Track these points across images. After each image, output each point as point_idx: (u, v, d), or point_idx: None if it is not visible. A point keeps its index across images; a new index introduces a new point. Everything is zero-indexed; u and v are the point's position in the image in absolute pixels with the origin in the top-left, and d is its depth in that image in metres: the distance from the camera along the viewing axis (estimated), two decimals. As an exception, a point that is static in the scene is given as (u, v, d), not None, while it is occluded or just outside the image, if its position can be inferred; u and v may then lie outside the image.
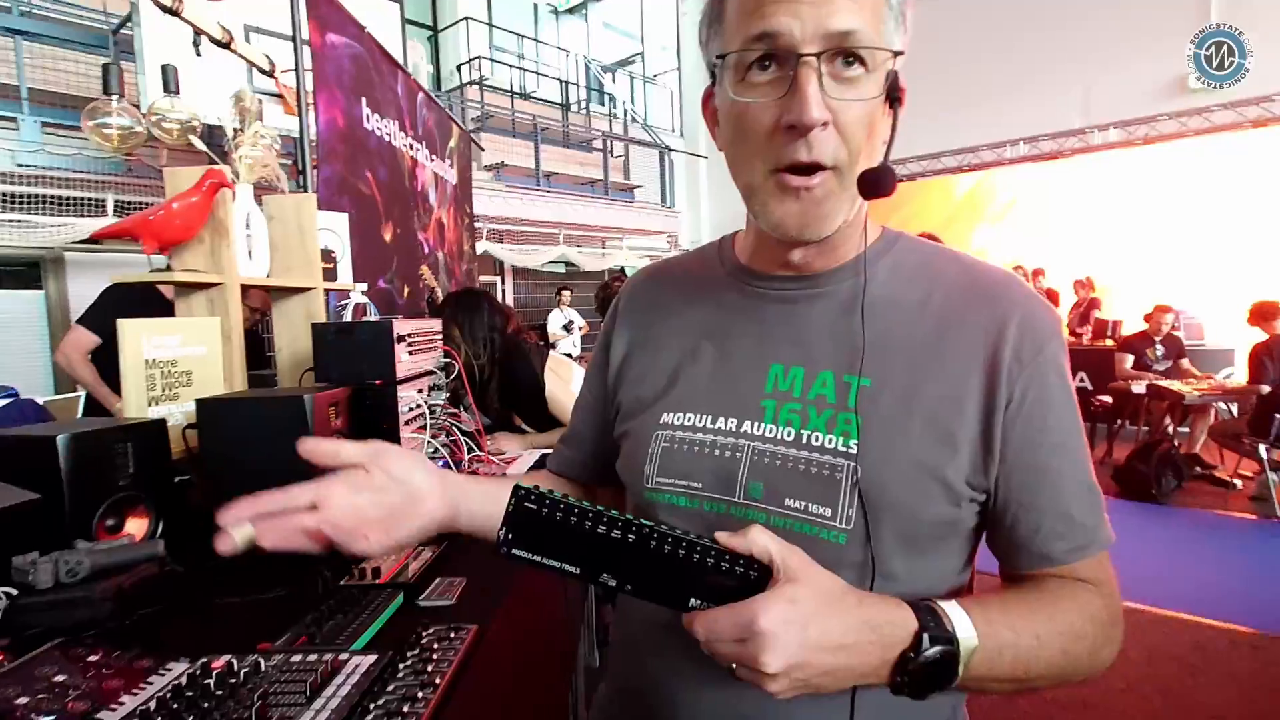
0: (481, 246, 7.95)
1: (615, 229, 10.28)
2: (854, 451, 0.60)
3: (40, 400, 2.14)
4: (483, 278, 8.99)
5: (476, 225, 6.31)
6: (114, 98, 1.56)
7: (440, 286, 3.56)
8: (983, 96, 8.35)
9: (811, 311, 0.67)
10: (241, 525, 0.57)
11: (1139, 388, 5.38)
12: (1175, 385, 5.11)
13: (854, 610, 0.52)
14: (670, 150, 11.21)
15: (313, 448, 0.60)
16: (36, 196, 5.21)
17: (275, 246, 1.80)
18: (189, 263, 1.54)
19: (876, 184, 0.57)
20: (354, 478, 0.60)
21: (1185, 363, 5.64)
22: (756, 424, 0.65)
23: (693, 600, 0.51)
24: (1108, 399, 5.81)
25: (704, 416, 0.68)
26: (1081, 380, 6.14)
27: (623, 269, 10.44)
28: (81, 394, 2.62)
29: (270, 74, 2.14)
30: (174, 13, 1.72)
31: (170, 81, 1.76)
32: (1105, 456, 5.63)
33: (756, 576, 0.51)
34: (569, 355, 6.84)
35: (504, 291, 9.89)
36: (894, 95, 0.58)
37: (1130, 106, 7.24)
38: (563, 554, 0.50)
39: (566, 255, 9.52)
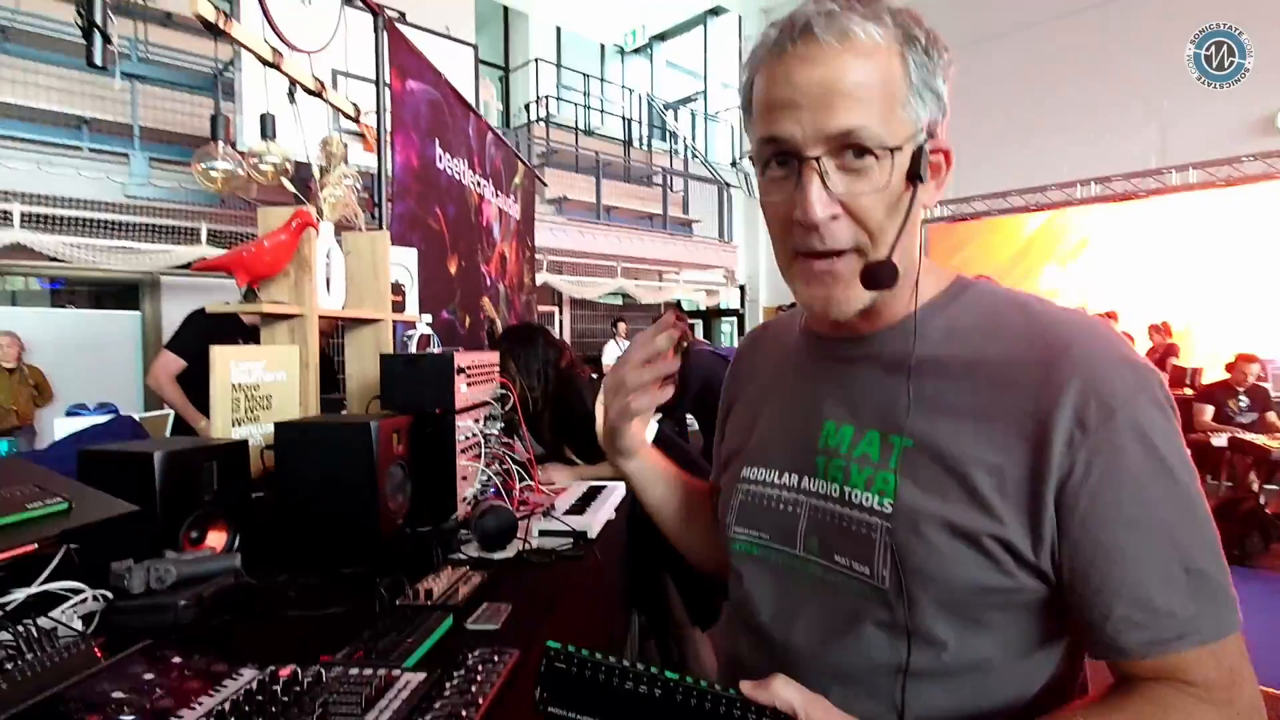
0: (541, 277, 8.17)
1: (672, 262, 10.41)
2: (888, 511, 0.61)
3: (137, 417, 2.33)
4: (541, 308, 9.22)
5: (537, 257, 6.51)
6: (220, 144, 1.72)
7: (500, 318, 3.70)
8: (1052, 134, 8.18)
9: (862, 371, 0.69)
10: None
11: (1220, 441, 5.08)
12: (1261, 439, 4.81)
13: None
14: (729, 186, 11.33)
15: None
16: (141, 225, 5.67)
17: (350, 279, 1.93)
18: (274, 295, 1.67)
19: (876, 279, 0.59)
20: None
21: (1272, 415, 5.30)
22: (811, 479, 0.69)
23: None
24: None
25: (772, 471, 0.73)
26: (1157, 430, 5.82)
27: (679, 302, 10.53)
28: (171, 412, 2.83)
29: (355, 119, 2.31)
30: (274, 66, 1.89)
31: (269, 128, 1.93)
32: (1183, 512, 5.31)
33: None
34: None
35: (561, 322, 10.10)
36: (916, 173, 0.58)
37: (1212, 146, 6.97)
38: (596, 710, 0.51)
39: (624, 287, 9.67)
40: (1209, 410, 5.35)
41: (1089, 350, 0.58)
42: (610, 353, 8.46)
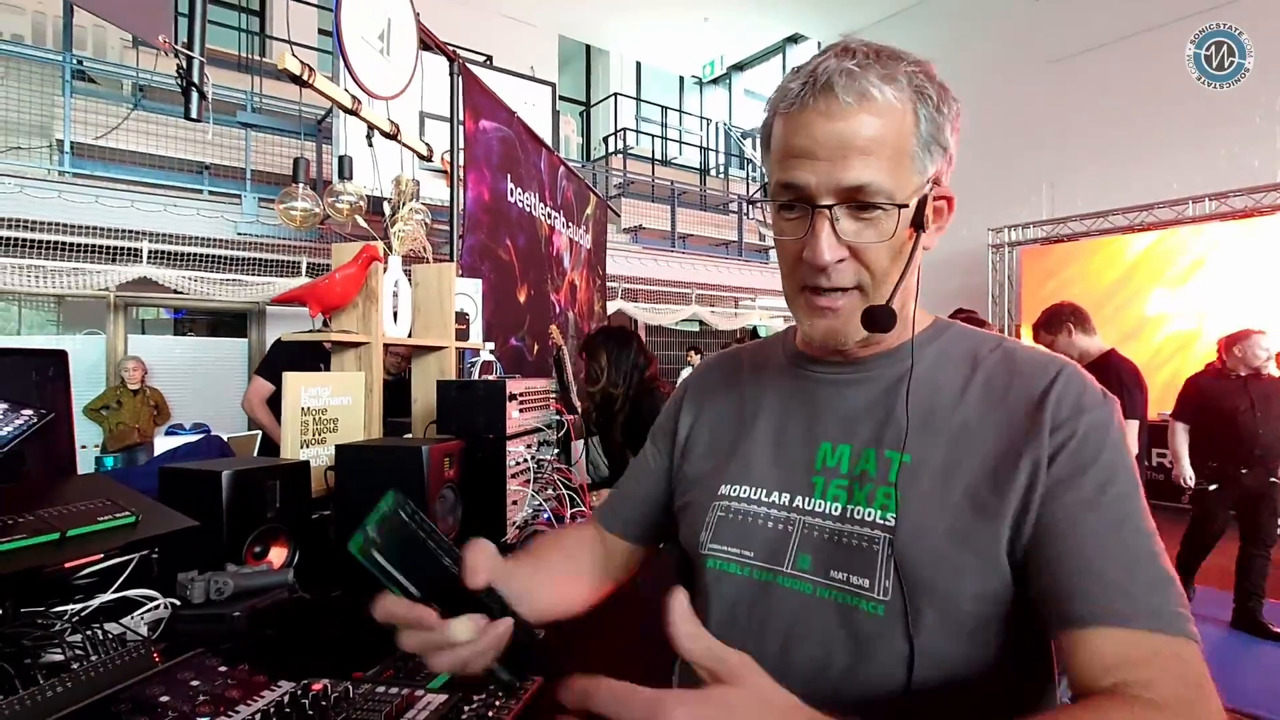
0: (616, 305, 8.29)
1: (748, 289, 10.34)
2: (891, 524, 0.63)
3: (225, 437, 2.54)
4: (617, 334, 9.32)
5: (611, 285, 6.61)
6: (300, 185, 1.86)
7: (567, 346, 3.77)
8: (1160, 148, 7.65)
9: (858, 393, 0.72)
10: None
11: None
12: None
13: None
14: (808, 211, 11.20)
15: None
16: (249, 260, 6.18)
17: (417, 309, 2.03)
18: (344, 324, 1.78)
19: (874, 321, 0.64)
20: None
21: None
22: (807, 499, 0.70)
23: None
24: (1325, 494, 4.90)
25: (759, 490, 0.73)
26: (1289, 470, 5.24)
27: (755, 329, 10.42)
28: (259, 432, 3.04)
29: (427, 159, 2.44)
30: (353, 113, 2.03)
31: (345, 169, 2.06)
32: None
33: (495, 606, 0.53)
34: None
35: (637, 348, 10.18)
36: (919, 223, 0.63)
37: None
38: (409, 574, 0.51)
39: (699, 314, 9.68)
40: (1351, 449, 4.76)
41: (1064, 371, 0.66)
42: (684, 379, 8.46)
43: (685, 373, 8.52)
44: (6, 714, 0.72)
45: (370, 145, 2.12)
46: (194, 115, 1.52)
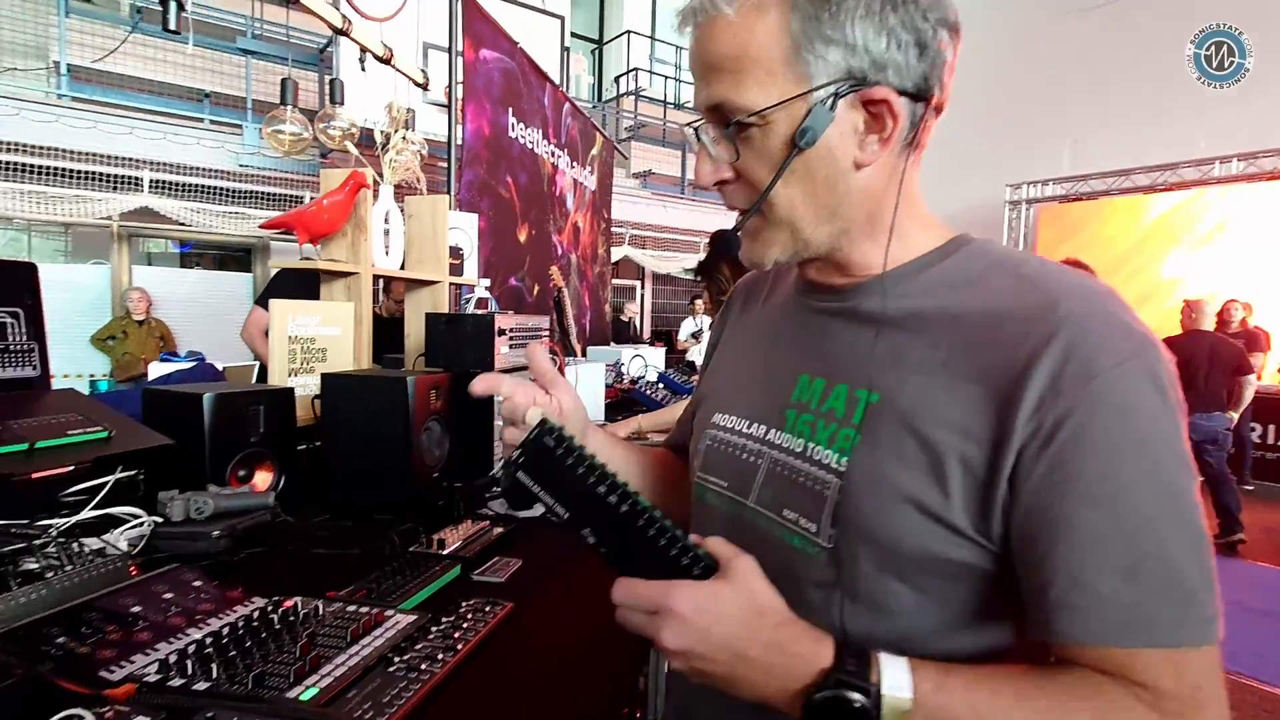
0: (623, 251, 8.20)
1: (758, 239, 10.18)
2: (842, 469, 0.59)
3: (221, 366, 2.53)
4: (623, 281, 9.26)
5: (619, 230, 6.51)
6: (288, 108, 1.80)
7: (569, 288, 3.73)
8: (1186, 106, 7.35)
9: (838, 324, 0.67)
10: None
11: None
12: None
13: (769, 629, 0.51)
14: (822, 161, 10.93)
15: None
16: (252, 193, 6.10)
17: (410, 242, 1.99)
18: (333, 253, 1.75)
19: (721, 244, 0.64)
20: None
21: None
22: (777, 432, 0.67)
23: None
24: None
25: (740, 420, 0.71)
26: (1292, 437, 5.23)
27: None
28: (256, 363, 3.05)
29: (423, 87, 2.36)
30: (343, 33, 1.96)
31: (336, 93, 2.00)
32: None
33: (701, 573, 0.52)
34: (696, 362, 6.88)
35: (642, 296, 10.12)
36: (798, 140, 0.56)
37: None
38: (560, 496, 0.54)
39: (706, 263, 9.56)
40: (1357, 418, 4.74)
41: (1079, 308, 0.53)
42: (686, 329, 8.41)
43: (686, 323, 8.46)
44: (-28, 616, 0.73)
45: (363, 69, 2.05)
46: (173, 27, 1.46)
